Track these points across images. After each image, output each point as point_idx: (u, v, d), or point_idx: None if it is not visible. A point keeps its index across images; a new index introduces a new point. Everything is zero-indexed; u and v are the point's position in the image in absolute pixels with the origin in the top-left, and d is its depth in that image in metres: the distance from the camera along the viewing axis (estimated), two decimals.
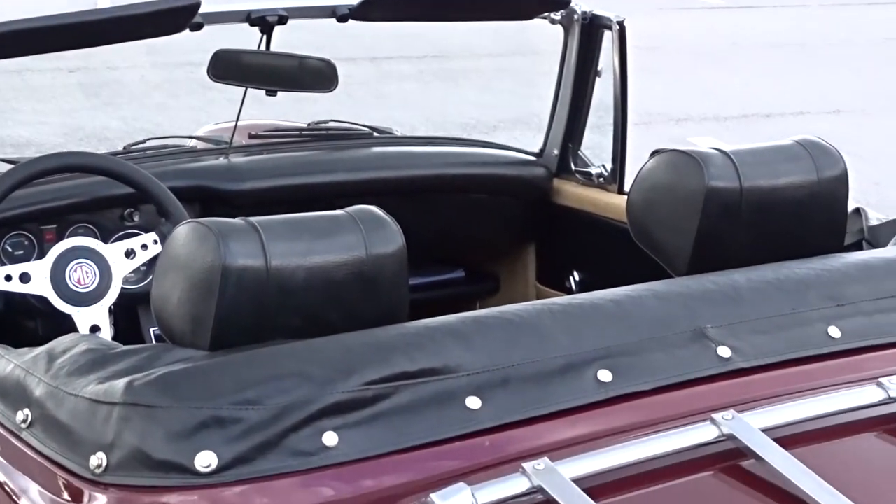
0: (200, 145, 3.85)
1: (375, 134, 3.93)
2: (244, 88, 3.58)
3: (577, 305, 2.12)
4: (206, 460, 1.78)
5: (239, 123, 3.68)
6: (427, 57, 12.58)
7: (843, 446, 1.97)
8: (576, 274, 3.73)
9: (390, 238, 2.06)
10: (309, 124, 4.00)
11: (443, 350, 1.94)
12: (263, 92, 3.57)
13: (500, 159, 3.86)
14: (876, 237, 2.73)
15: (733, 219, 2.38)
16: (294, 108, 4.54)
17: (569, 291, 3.65)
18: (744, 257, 2.35)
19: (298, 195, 3.47)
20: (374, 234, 2.05)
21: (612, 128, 3.61)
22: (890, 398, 2.00)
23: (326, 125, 3.98)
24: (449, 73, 12.07)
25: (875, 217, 2.82)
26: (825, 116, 11.32)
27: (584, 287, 3.57)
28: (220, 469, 1.78)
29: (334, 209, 2.09)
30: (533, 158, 3.83)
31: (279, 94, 3.59)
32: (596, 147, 3.81)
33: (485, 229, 3.85)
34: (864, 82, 12.84)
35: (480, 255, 3.99)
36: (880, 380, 2.02)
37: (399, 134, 4.09)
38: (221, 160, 3.59)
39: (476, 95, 11.14)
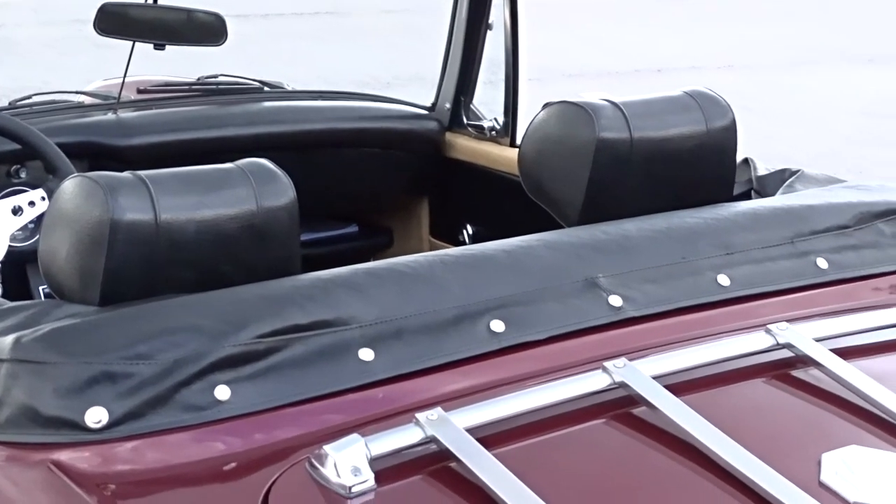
0: (88, 101, 3.80)
1: (266, 88, 3.89)
2: (132, 43, 3.53)
3: (470, 256, 2.12)
4: (96, 416, 1.76)
5: (128, 79, 3.63)
6: (321, 14, 12.52)
7: (733, 392, 2.00)
8: (469, 227, 3.74)
9: (281, 191, 2.05)
10: (199, 79, 3.96)
11: (335, 302, 1.94)
12: (152, 47, 3.53)
13: (392, 113, 3.85)
14: (764, 187, 2.77)
15: (624, 169, 2.40)
16: (184, 67, 4.49)
17: (462, 244, 3.66)
18: (635, 207, 2.37)
19: (188, 150, 3.44)
20: (265, 187, 2.04)
21: (503, 83, 3.62)
22: (778, 344, 2.03)
23: (216, 80, 3.94)
24: (343, 30, 12.02)
25: (763, 167, 2.85)
26: (718, 71, 11.44)
27: (476, 240, 3.58)
28: (111, 425, 1.76)
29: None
30: (425, 112, 3.83)
31: (169, 51, 3.54)
32: (490, 102, 3.81)
33: (377, 184, 3.84)
34: (756, 37, 12.97)
35: (373, 209, 3.99)
36: (769, 326, 2.05)
37: (290, 88, 4.06)
38: (110, 115, 3.54)
39: (370, 52, 11.11)
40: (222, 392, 1.81)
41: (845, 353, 2.03)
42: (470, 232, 3.73)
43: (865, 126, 9.90)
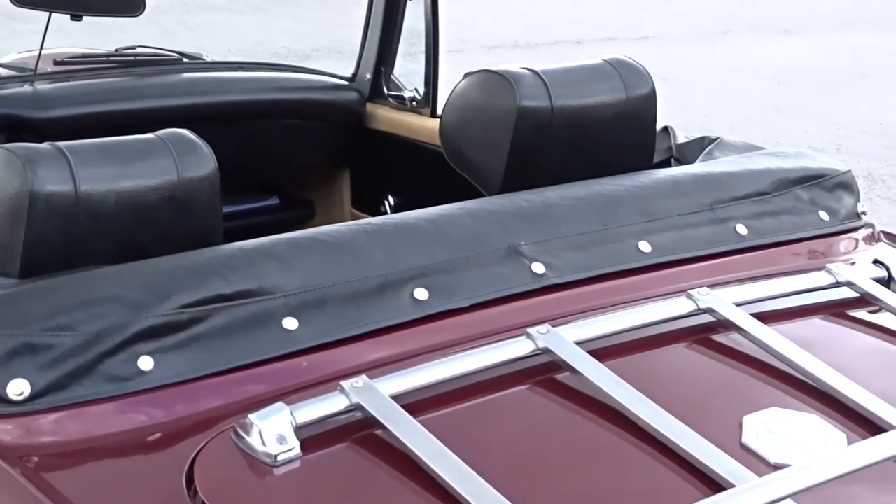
0: (4, 73, 3.75)
1: (185, 60, 3.86)
2: (48, 13, 3.48)
3: (392, 225, 2.12)
4: (18, 388, 1.75)
5: (44, 52, 3.58)
6: None
7: (655, 357, 2.02)
8: (390, 198, 3.73)
9: (202, 161, 2.04)
10: (117, 50, 3.92)
11: (258, 272, 1.93)
12: (69, 19, 3.48)
13: (312, 84, 3.83)
14: (684, 154, 2.79)
15: (545, 137, 2.41)
16: (101, 40, 4.44)
17: (383, 215, 3.65)
18: (556, 175, 2.38)
19: (107, 122, 3.40)
20: (186, 158, 2.03)
21: (424, 54, 3.62)
22: (699, 309, 2.05)
23: (134, 51, 3.90)
24: (260, 3, 11.94)
25: (682, 135, 2.87)
26: (634, 42, 11.50)
27: (398, 211, 3.56)
28: (33, 397, 1.75)
29: None
30: (345, 83, 3.82)
31: (86, 23, 3.50)
32: (410, 74, 3.80)
33: (298, 155, 3.83)
34: (672, 9, 13.05)
35: (295, 181, 3.97)
36: (690, 292, 2.07)
37: (209, 60, 4.03)
38: (26, 88, 3.50)
39: (288, 25, 11.05)
40: (145, 363, 1.80)
41: (765, 318, 2.05)
42: (391, 203, 3.73)
43: (778, 95, 10.00)
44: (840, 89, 10.35)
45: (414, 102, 3.65)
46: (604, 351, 1.93)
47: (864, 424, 1.83)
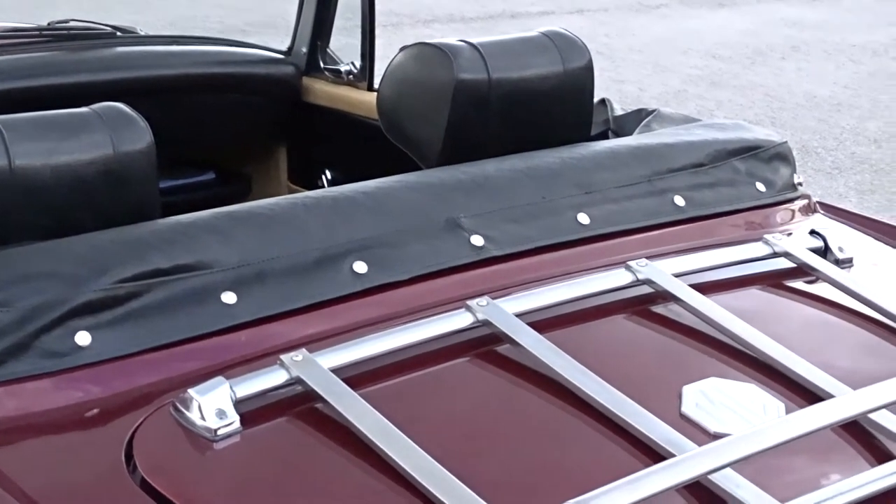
0: None
1: (119, 34, 3.81)
2: None
3: (331, 198, 2.11)
4: None
5: None
6: None
7: (595, 328, 2.02)
8: (327, 173, 3.72)
9: (138, 135, 2.03)
10: (49, 24, 3.86)
11: (196, 246, 1.92)
12: None
13: (248, 58, 3.80)
14: (621, 127, 2.79)
15: (483, 110, 2.41)
16: (33, 16, 4.38)
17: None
18: (494, 148, 2.38)
19: (40, 97, 3.35)
20: (122, 132, 2.01)
21: (360, 29, 3.60)
22: (638, 280, 2.06)
23: (67, 25, 3.85)
24: None
25: (620, 108, 2.88)
26: (569, 16, 11.51)
27: (335, 185, 3.56)
28: None
29: None
30: (281, 57, 3.79)
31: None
32: (345, 49, 3.78)
33: (234, 130, 3.80)
34: None
35: (231, 156, 3.94)
36: (629, 263, 2.08)
37: (143, 33, 3.99)
38: None
39: None
40: (83, 338, 1.79)
41: (703, 288, 2.06)
42: (329, 177, 3.71)
43: (712, 68, 10.05)
44: (773, 62, 10.41)
45: (350, 76, 3.63)
46: (543, 323, 1.93)
47: (802, 393, 1.85)
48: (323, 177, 3.73)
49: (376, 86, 3.35)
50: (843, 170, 7.62)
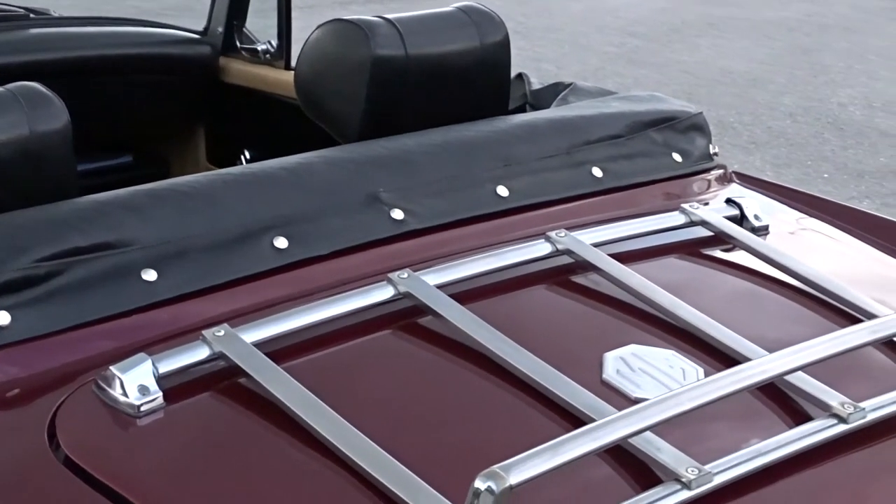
0: None
1: (32, 15, 3.78)
2: None
3: (250, 174, 2.11)
4: None
5: None
6: None
7: (516, 299, 2.04)
8: (246, 153, 3.70)
9: (54, 115, 2.01)
10: None
11: (116, 224, 1.91)
12: None
13: (163, 38, 3.77)
14: (539, 100, 2.81)
15: (401, 86, 2.41)
16: None
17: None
18: (414, 124, 2.38)
19: None
20: (38, 111, 2.00)
21: (275, 11, 3.58)
22: (557, 251, 2.08)
23: None
24: None
25: (537, 82, 2.89)
26: None
27: None
28: None
29: None
30: (197, 37, 3.77)
31: None
32: (261, 32, 3.76)
33: (151, 111, 3.77)
34: None
35: (148, 138, 3.92)
36: (548, 234, 2.09)
37: (57, 15, 3.95)
38: None
39: None
40: (2, 318, 1.78)
41: (622, 258, 2.08)
42: (248, 157, 3.70)
43: (629, 46, 10.11)
44: (689, 39, 10.49)
45: (268, 55, 3.62)
46: (465, 294, 1.95)
47: (721, 358, 1.87)
48: (242, 157, 3.72)
49: (294, 65, 3.36)
50: (760, 144, 7.70)
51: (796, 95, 8.91)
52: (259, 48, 3.64)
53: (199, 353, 1.74)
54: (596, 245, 2.10)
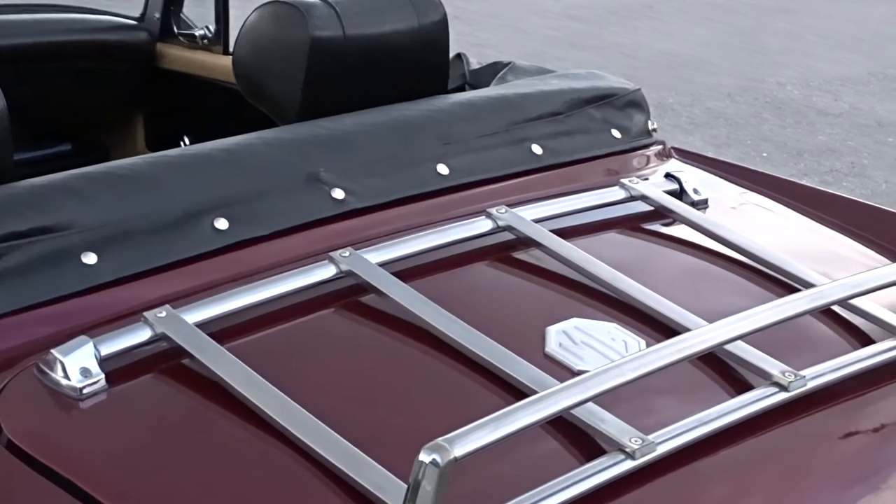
0: None
1: None
2: None
3: (190, 156, 2.10)
4: None
5: None
6: None
7: (458, 275, 2.04)
8: (186, 139, 3.68)
9: None
10: None
11: (54, 207, 1.90)
12: None
13: (99, 25, 3.74)
14: (478, 80, 2.81)
15: (340, 67, 2.41)
16: None
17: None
18: (353, 104, 2.38)
19: None
20: None
21: None
22: (499, 227, 2.09)
23: None
24: None
25: (476, 62, 2.90)
26: None
27: None
28: None
29: None
30: (134, 23, 3.74)
31: None
32: (198, 21, 3.74)
33: (89, 98, 3.74)
34: None
35: (86, 126, 3.88)
36: (489, 210, 2.10)
37: None
38: None
39: None
40: None
41: (563, 233, 2.09)
42: (187, 144, 3.67)
43: (570, 29, 10.13)
44: (628, 22, 10.53)
45: (205, 40, 3.60)
46: (407, 272, 1.95)
47: (662, 330, 1.89)
48: (181, 143, 3.69)
49: (231, 49, 3.34)
50: (700, 125, 7.75)
51: (735, 76, 8.96)
52: (197, 33, 3.62)
53: (142, 334, 1.73)
54: (537, 221, 2.11)
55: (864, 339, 1.99)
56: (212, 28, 3.59)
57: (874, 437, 1.89)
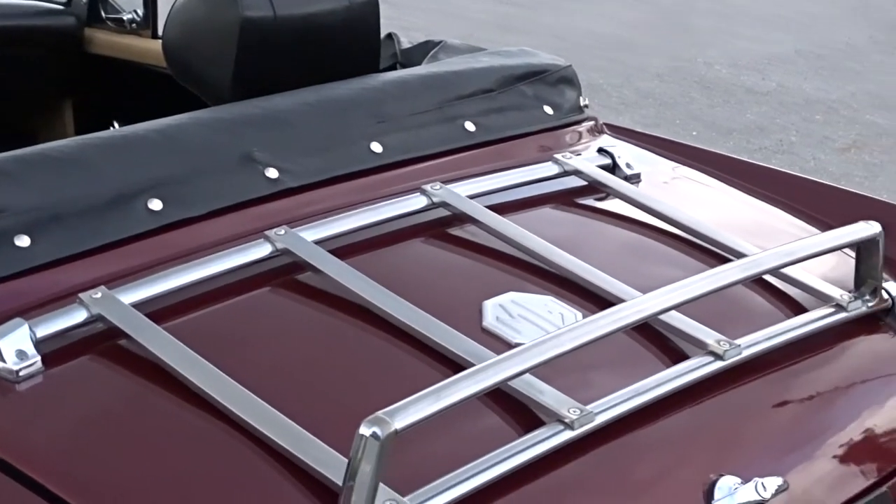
0: None
1: None
2: None
3: (122, 138, 2.09)
4: None
5: None
6: None
7: (394, 252, 2.04)
8: (116, 124, 3.65)
9: None
10: None
11: None
12: None
13: (24, 10, 3.70)
14: (409, 59, 2.81)
15: (271, 47, 2.40)
16: None
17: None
18: (286, 85, 2.37)
19: None
20: None
21: None
22: (433, 203, 2.09)
23: None
24: None
25: (407, 41, 2.90)
26: None
27: None
28: None
29: None
30: (61, 8, 3.70)
31: None
32: (128, 7, 3.71)
33: (16, 86, 3.70)
34: None
35: (14, 113, 3.84)
36: (423, 187, 2.11)
37: None
38: None
39: None
40: None
41: (498, 209, 2.11)
42: (118, 129, 3.65)
43: (500, 13, 10.15)
44: (559, 4, 10.55)
45: (134, 24, 3.57)
46: (343, 249, 1.95)
47: (598, 302, 1.90)
48: (112, 129, 3.67)
49: (161, 33, 3.32)
50: (630, 105, 7.79)
51: (664, 56, 9.01)
52: (125, 17, 3.59)
53: (77, 315, 1.72)
54: (471, 197, 2.12)
55: (798, 308, 2.02)
56: (140, 12, 3.56)
57: (808, 404, 1.92)
